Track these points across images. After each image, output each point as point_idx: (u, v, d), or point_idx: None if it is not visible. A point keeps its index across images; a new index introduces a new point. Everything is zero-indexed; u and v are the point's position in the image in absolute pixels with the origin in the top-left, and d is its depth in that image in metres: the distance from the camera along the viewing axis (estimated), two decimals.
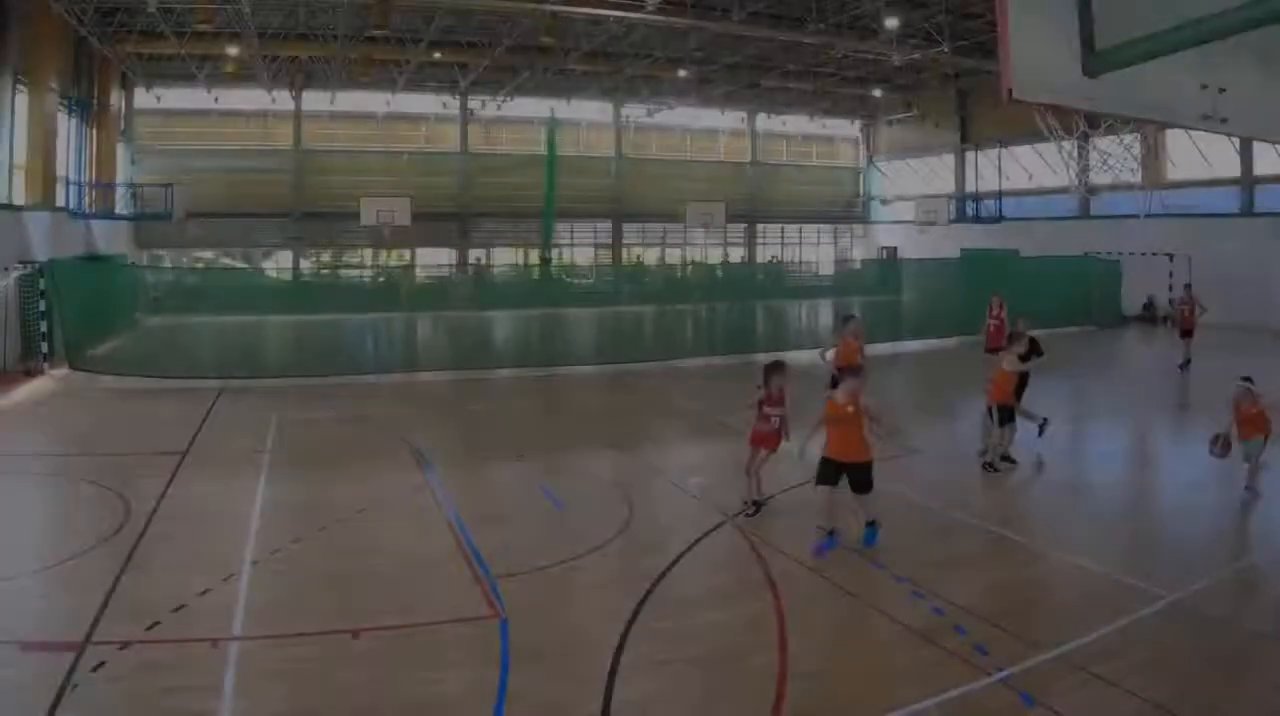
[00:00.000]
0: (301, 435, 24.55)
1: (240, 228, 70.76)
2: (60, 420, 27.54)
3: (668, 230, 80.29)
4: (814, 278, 74.80)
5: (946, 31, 51.74)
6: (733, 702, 10.84)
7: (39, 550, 15.44)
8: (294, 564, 15.22)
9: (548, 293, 61.68)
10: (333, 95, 70.64)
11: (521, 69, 65.59)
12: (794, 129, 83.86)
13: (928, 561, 15.10)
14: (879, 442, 16.75)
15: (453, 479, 20.64)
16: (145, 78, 64.01)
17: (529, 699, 10.83)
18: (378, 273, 68.70)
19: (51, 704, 10.44)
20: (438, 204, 73.39)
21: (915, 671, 11.41)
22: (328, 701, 10.79)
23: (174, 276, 60.49)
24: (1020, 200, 69.78)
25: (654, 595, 13.81)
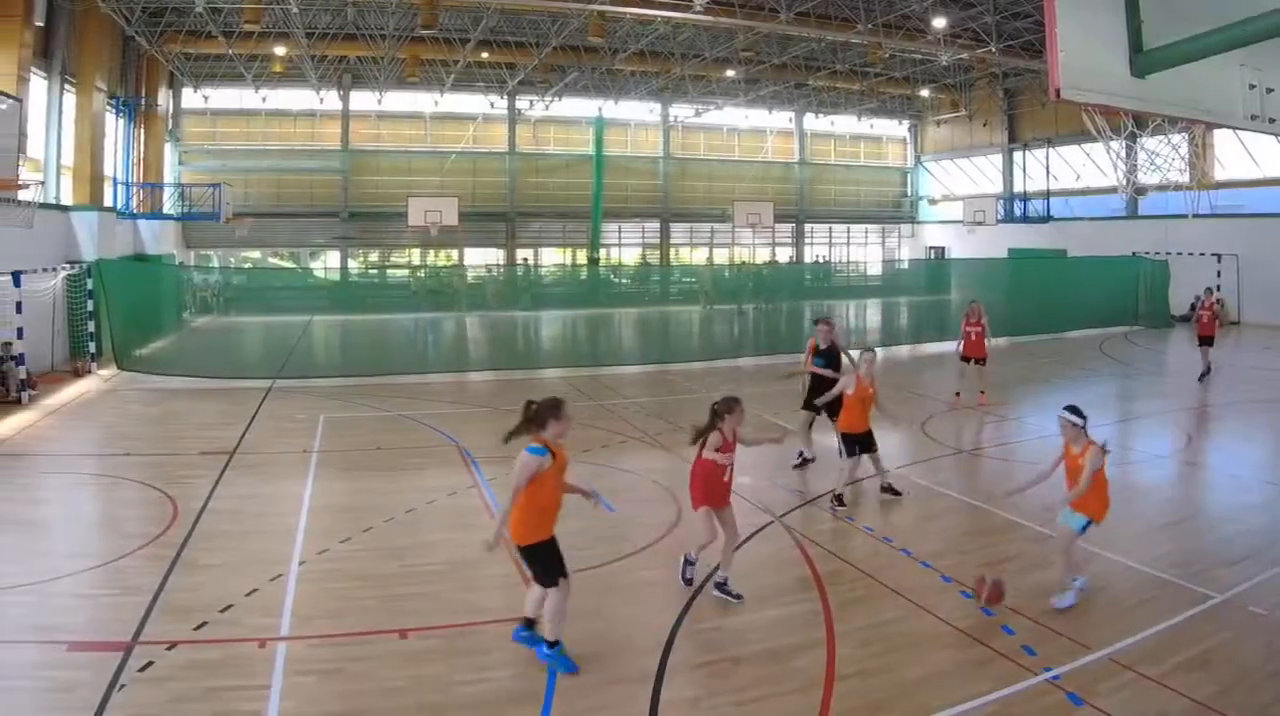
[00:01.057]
0: (349, 435, 24.59)
1: (288, 227, 71.11)
2: (107, 420, 27.50)
3: (715, 230, 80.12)
4: (861, 278, 74.55)
5: (994, 31, 51.55)
6: (780, 702, 10.87)
7: (86, 550, 15.45)
8: (341, 564, 15.29)
9: (595, 293, 61.57)
10: (380, 95, 70.79)
11: (569, 69, 65.67)
12: (842, 129, 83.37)
13: (976, 561, 15.12)
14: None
15: (501, 479, 20.23)
16: (193, 78, 64.23)
17: (576, 699, 10.85)
18: (425, 272, 68.52)
19: (99, 704, 10.50)
20: (485, 204, 73.68)
21: (963, 671, 11.51)
22: (375, 702, 10.82)
23: (221, 276, 60.90)
24: (1067, 200, 69.25)
25: (701, 595, 13.83)
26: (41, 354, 33.85)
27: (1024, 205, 71.40)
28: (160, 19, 51.24)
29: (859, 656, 11.89)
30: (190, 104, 68.31)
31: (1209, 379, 32.64)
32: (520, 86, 70.77)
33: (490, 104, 73.70)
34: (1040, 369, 36.67)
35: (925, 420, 26.82)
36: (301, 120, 71.53)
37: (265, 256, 73.78)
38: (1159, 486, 20.95)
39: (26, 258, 31.93)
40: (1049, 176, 70.79)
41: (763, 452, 21.11)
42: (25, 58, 37.18)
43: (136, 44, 52.42)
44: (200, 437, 24.35)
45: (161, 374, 34.77)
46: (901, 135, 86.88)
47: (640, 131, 79.29)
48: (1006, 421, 27.33)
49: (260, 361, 40.65)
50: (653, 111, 78.23)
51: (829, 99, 76.56)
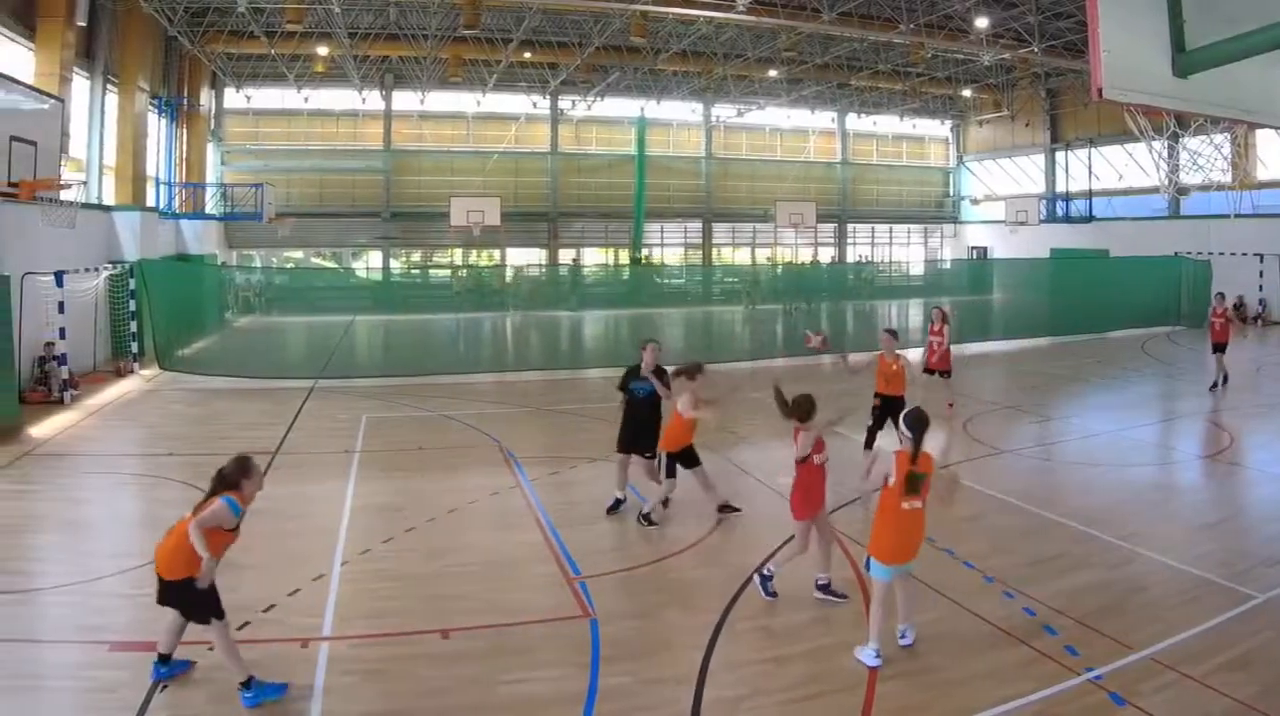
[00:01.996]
0: (391, 435, 24.59)
1: (330, 227, 71.43)
2: (150, 420, 27.58)
3: (758, 230, 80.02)
4: (904, 278, 74.48)
5: (1036, 31, 51.35)
6: (823, 702, 10.88)
7: (129, 550, 15.41)
8: (384, 564, 15.33)
9: (637, 292, 61.58)
10: (423, 95, 70.93)
11: (612, 69, 65.69)
12: (884, 128, 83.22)
13: (1018, 561, 15.14)
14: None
15: (543, 479, 20.65)
16: (235, 77, 64.56)
17: (619, 698, 10.87)
18: (468, 272, 68.89)
19: (141, 704, 10.58)
20: (527, 204, 73.87)
21: (1006, 671, 11.46)
22: (417, 701, 10.84)
23: (264, 276, 61.46)
24: (1110, 200, 68.80)
25: (744, 594, 13.82)
26: (84, 354, 34.01)
27: (1066, 205, 71.08)
28: (203, 19, 51.46)
29: (902, 656, 11.85)
30: (232, 104, 68.75)
31: (1223, 388, 31.17)
32: (562, 86, 70.92)
33: (533, 104, 73.69)
34: (1083, 369, 36.45)
35: (968, 420, 26.76)
36: (344, 120, 71.88)
37: (307, 256, 74.08)
38: (1200, 486, 21.03)
39: (69, 258, 32.13)
40: (1091, 176, 70.49)
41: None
42: (67, 58, 37.32)
43: (179, 44, 52.81)
44: (242, 438, 24.18)
45: (203, 374, 34.91)
46: (944, 135, 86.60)
47: (682, 131, 79.25)
48: (1049, 422, 27.21)
49: (302, 361, 40.88)
50: (695, 111, 78.27)
51: (871, 99, 76.64)
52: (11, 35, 35.33)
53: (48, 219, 26.67)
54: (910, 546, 12.04)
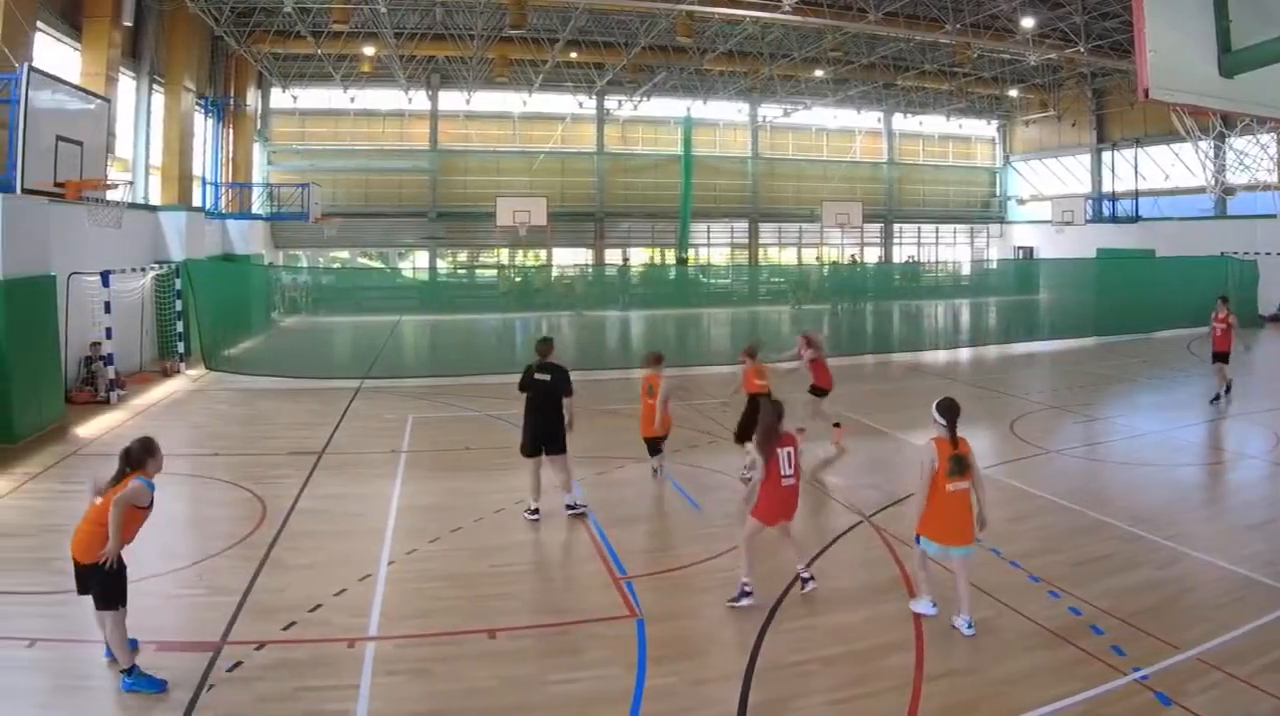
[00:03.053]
0: (437, 435, 24.62)
1: (376, 227, 71.65)
2: (196, 420, 27.71)
3: (804, 230, 79.79)
4: (950, 278, 74.30)
5: (1083, 31, 51.06)
6: (869, 702, 10.88)
7: (175, 550, 15.53)
8: (430, 564, 15.37)
9: (684, 292, 61.61)
10: (469, 95, 71.12)
11: (658, 69, 65.66)
12: (930, 128, 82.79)
13: (1065, 561, 15.13)
14: None
15: (589, 479, 20.63)
16: (281, 77, 64.84)
17: (665, 699, 10.90)
18: (514, 272, 69.09)
19: (188, 704, 10.62)
20: (573, 204, 73.89)
21: (1052, 671, 11.45)
22: (464, 702, 10.87)
23: (310, 276, 61.82)
24: (1156, 200, 68.26)
25: (791, 595, 13.83)
26: (130, 354, 34.27)
27: (1112, 205, 70.61)
28: (249, 19, 51.83)
29: (948, 656, 11.92)
30: (279, 104, 69.13)
31: (1227, 399, 29.17)
32: (609, 86, 70.80)
33: (579, 104, 73.61)
34: (1129, 369, 36.24)
35: (1014, 420, 26.70)
36: (390, 120, 72.03)
37: (354, 256, 74.39)
38: (1247, 486, 20.92)
39: (115, 258, 32.33)
40: (1137, 176, 69.89)
41: (852, 452, 21.26)
42: (114, 58, 37.61)
43: (225, 44, 53.10)
44: (289, 438, 24.58)
45: (250, 374, 35.08)
46: (990, 135, 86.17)
47: (729, 131, 79.10)
48: (1096, 421, 27.07)
49: (349, 361, 41.13)
50: (741, 111, 78.13)
51: (917, 99, 76.43)
52: (58, 35, 35.56)
53: (94, 219, 26.77)
54: (960, 527, 12.73)
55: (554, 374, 18.30)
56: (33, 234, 25.02)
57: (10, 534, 16.64)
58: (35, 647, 12.08)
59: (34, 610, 13.29)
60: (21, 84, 22.66)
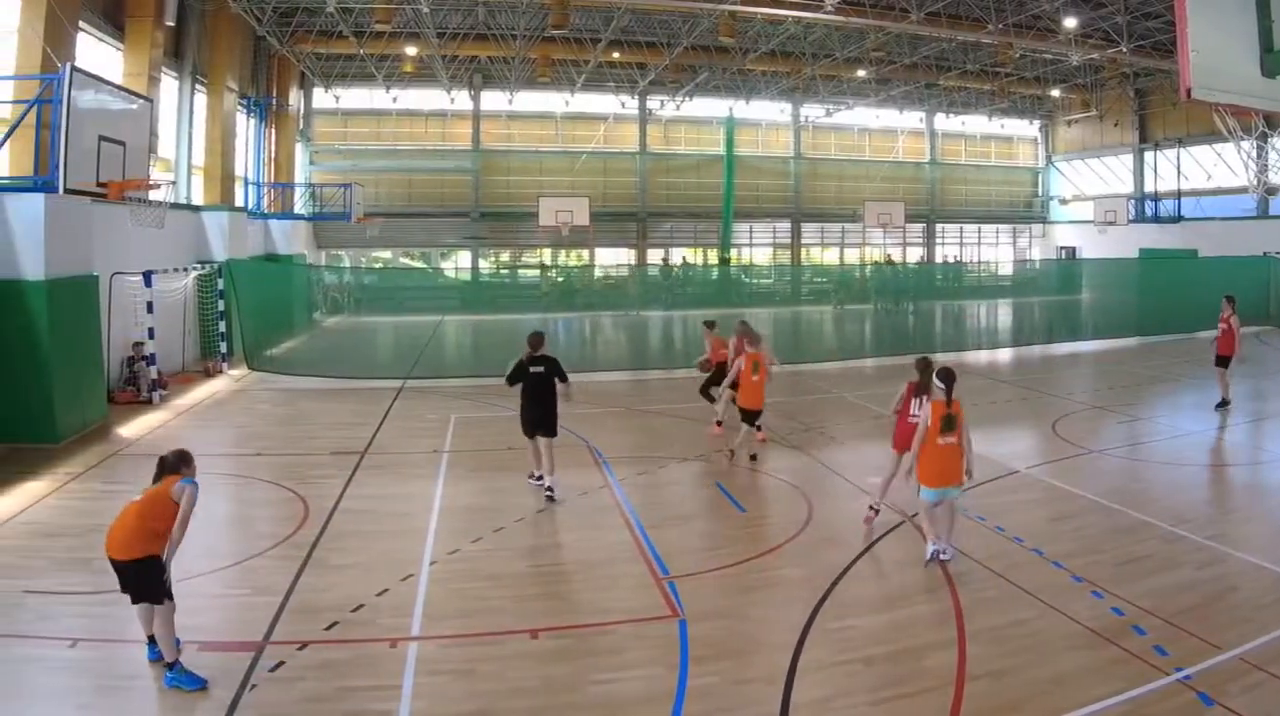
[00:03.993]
0: (480, 435, 24.58)
1: (418, 227, 71.73)
2: (239, 420, 27.85)
3: (846, 230, 79.49)
4: (993, 278, 74.13)
5: (1125, 31, 50.72)
6: (911, 702, 10.91)
7: (218, 550, 15.63)
8: (472, 564, 15.43)
9: (726, 292, 61.60)
10: (511, 95, 71.12)
11: (700, 69, 65.56)
12: (973, 128, 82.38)
13: (1107, 561, 15.17)
14: None
15: (631, 479, 20.72)
16: (324, 78, 65.03)
17: (707, 699, 10.93)
18: (556, 272, 68.99)
19: (230, 703, 10.68)
20: (616, 204, 73.80)
21: (1094, 671, 11.49)
22: (506, 702, 10.91)
23: (352, 276, 61.93)
24: (1199, 200, 67.70)
25: (833, 595, 13.90)
26: (172, 354, 34.41)
27: (1155, 205, 70.29)
28: (291, 19, 51.94)
29: (990, 656, 11.88)
30: (321, 104, 69.33)
31: (1228, 409, 27.97)
32: (651, 86, 70.68)
33: (621, 104, 73.61)
34: (1171, 368, 36.06)
35: (1057, 420, 26.60)
36: (432, 120, 72.04)
37: (396, 256, 74.51)
38: None
39: (157, 258, 32.48)
40: (1180, 176, 69.41)
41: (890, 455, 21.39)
42: (156, 58, 37.69)
43: (268, 44, 53.21)
44: (331, 437, 24.71)
45: (292, 374, 35.18)
46: (1032, 135, 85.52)
47: (771, 131, 78.73)
48: (1138, 421, 26.95)
49: (391, 361, 41.16)
50: (783, 111, 77.66)
51: (960, 99, 75.94)
52: (100, 35, 35.66)
53: (136, 219, 26.83)
54: (949, 472, 15.18)
55: (546, 365, 19.71)
56: (75, 234, 25.12)
57: (53, 534, 16.72)
58: (77, 648, 12.12)
59: (76, 610, 13.33)
60: (64, 84, 22.71)
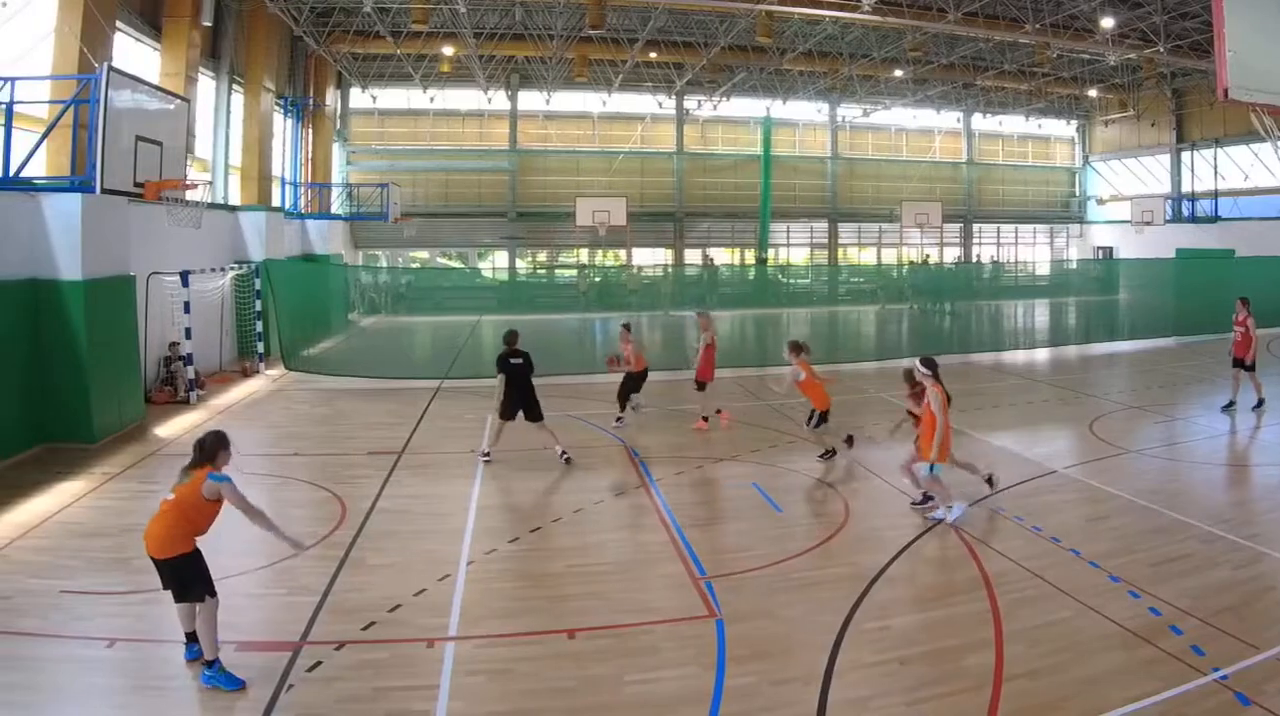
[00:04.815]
0: (516, 435, 24.09)
1: (455, 227, 72.04)
2: (275, 420, 27.90)
3: (883, 230, 79.42)
4: (1030, 278, 73.99)
5: (1162, 31, 50.44)
6: (948, 702, 10.92)
7: (255, 550, 15.50)
8: (510, 564, 15.51)
9: (763, 292, 61.62)
10: (548, 95, 71.34)
11: (737, 69, 65.56)
12: (1010, 129, 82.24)
13: (1144, 561, 15.15)
14: None
15: (668, 479, 20.73)
16: (360, 78, 65.29)
17: (745, 699, 10.94)
18: (592, 272, 68.81)
19: (268, 703, 10.74)
20: (653, 204, 73.98)
21: (1131, 670, 11.48)
22: (544, 702, 10.95)
23: (389, 276, 62.05)
24: (1235, 200, 67.54)
25: (870, 595, 13.90)
26: (209, 354, 34.60)
27: (1192, 205, 70.13)
28: (328, 19, 52.19)
29: (1027, 656, 11.87)
30: (358, 104, 69.79)
31: (1231, 410, 27.79)
32: (688, 86, 70.66)
33: (658, 104, 73.64)
34: (1208, 368, 35.71)
35: (1094, 420, 26.55)
36: (469, 120, 72.31)
37: (433, 256, 74.66)
38: None
39: (194, 258, 32.73)
40: (1217, 176, 69.22)
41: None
42: (193, 58, 37.95)
43: (304, 44, 53.52)
44: (368, 438, 24.79)
45: (329, 374, 35.26)
46: (1069, 135, 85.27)
47: (808, 131, 78.75)
48: (1175, 421, 26.87)
49: (428, 362, 41.21)
50: (821, 111, 77.62)
51: (997, 99, 75.86)
52: (138, 35, 35.93)
53: (173, 219, 26.88)
54: (949, 447, 17.01)
55: (524, 358, 22.64)
56: (112, 234, 25.26)
57: (90, 533, 16.81)
58: (115, 647, 12.19)
59: (113, 610, 13.42)
60: (101, 84, 22.75)
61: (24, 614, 13.13)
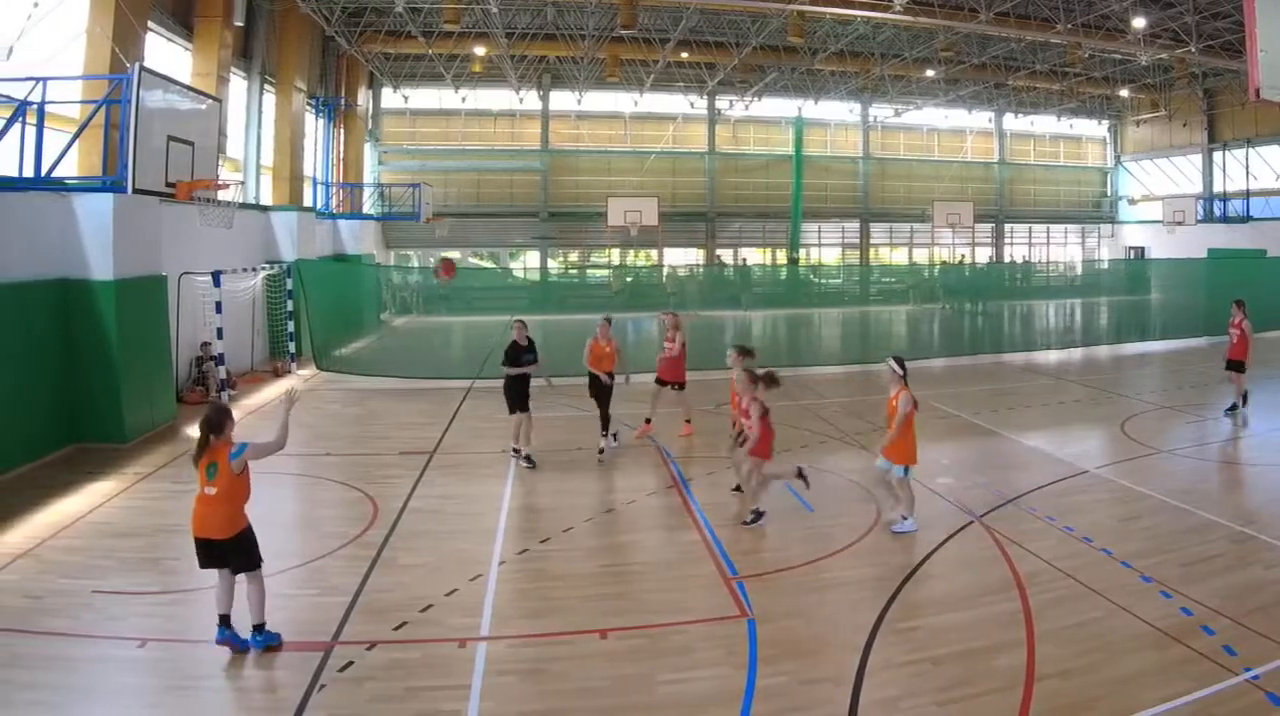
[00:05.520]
0: (548, 435, 24.51)
1: (487, 227, 72.26)
2: (307, 420, 27.79)
3: (915, 230, 79.27)
4: (1061, 278, 73.83)
5: (1194, 31, 50.26)
6: (980, 702, 10.92)
7: (286, 550, 15.71)
8: (541, 564, 15.56)
9: (795, 293, 61.58)
10: (580, 95, 71.37)
11: (769, 69, 65.48)
12: (1041, 129, 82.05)
13: (1176, 561, 15.20)
14: None
15: (700, 478, 20.82)
16: (392, 78, 65.33)
17: (777, 698, 10.97)
18: (624, 272, 69.19)
19: (299, 703, 10.78)
20: (685, 204, 73.94)
21: (1163, 671, 11.48)
22: (575, 702, 10.98)
23: (421, 276, 62.08)
24: (1267, 200, 67.16)
25: (901, 595, 13.95)
26: (241, 354, 34.75)
27: (1224, 205, 69.91)
28: (360, 19, 52.30)
29: (1059, 656, 11.86)
30: (390, 104, 69.90)
31: (1241, 414, 27.19)
32: (720, 86, 70.53)
33: (690, 104, 73.55)
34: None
35: (1125, 420, 26.54)
36: (501, 120, 72.36)
37: (465, 256, 74.12)
38: None
39: (226, 258, 32.85)
40: (1248, 176, 68.94)
41: (963, 453, 22.14)
42: (225, 58, 38.10)
43: (336, 44, 53.54)
44: (400, 438, 24.88)
45: (361, 374, 35.35)
46: (1101, 135, 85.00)
47: (840, 131, 78.60)
48: (1207, 421, 26.74)
49: (460, 362, 41.27)
50: (852, 111, 77.48)
51: (1028, 99, 75.64)
52: (169, 35, 36.03)
53: (205, 219, 26.91)
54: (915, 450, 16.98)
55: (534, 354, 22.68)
56: (144, 234, 25.40)
57: (122, 534, 16.90)
58: (146, 647, 12.25)
59: (145, 610, 13.50)
60: (133, 84, 22.77)
61: (56, 614, 13.19)
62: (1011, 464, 21.88)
